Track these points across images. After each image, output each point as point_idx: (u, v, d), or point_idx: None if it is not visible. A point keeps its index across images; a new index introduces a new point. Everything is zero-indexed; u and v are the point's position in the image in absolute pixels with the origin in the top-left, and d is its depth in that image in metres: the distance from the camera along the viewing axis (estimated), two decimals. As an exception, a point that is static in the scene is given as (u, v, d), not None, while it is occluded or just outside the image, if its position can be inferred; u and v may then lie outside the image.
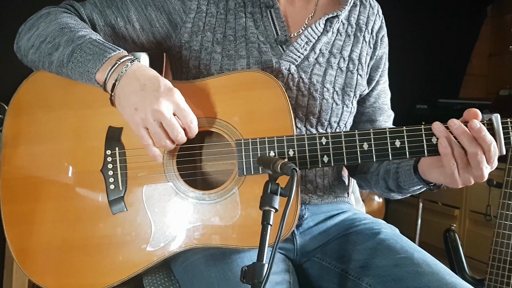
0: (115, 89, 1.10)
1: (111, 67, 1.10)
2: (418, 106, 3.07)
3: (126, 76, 1.09)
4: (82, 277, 1.18)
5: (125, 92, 1.09)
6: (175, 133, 1.08)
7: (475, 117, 1.09)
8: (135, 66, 1.10)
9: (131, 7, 1.26)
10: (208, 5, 1.27)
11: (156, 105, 1.06)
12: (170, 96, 1.07)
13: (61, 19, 1.20)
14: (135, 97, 1.08)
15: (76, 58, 1.13)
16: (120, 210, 1.18)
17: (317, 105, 1.29)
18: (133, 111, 1.08)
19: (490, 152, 1.07)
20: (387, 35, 1.41)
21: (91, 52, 1.12)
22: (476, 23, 3.37)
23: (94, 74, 1.11)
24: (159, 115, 1.06)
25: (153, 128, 1.08)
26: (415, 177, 1.21)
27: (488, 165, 1.08)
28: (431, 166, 1.16)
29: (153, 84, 1.08)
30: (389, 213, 3.12)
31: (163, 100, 1.06)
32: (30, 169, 1.21)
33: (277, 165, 0.97)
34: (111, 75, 1.10)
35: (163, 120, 1.07)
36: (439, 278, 1.12)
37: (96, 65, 1.11)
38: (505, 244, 1.94)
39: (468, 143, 1.07)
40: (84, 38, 1.14)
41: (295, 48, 1.27)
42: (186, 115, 1.09)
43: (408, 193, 1.33)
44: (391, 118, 1.48)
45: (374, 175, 1.37)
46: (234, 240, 1.15)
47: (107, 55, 1.11)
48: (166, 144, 1.10)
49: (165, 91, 1.07)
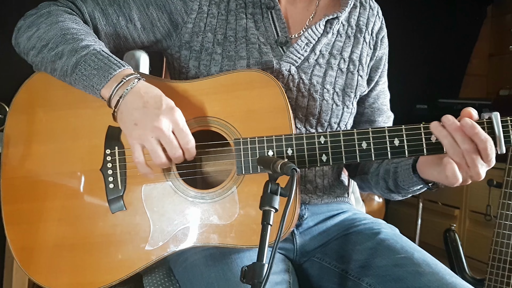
0: (119, 106, 1.10)
1: (117, 84, 1.10)
2: (418, 106, 3.07)
3: (131, 93, 1.09)
4: (82, 275, 1.18)
5: (128, 108, 1.09)
6: (174, 151, 1.09)
7: (469, 116, 1.08)
8: (140, 84, 1.11)
9: (133, 6, 1.26)
10: (210, 6, 1.27)
11: (156, 122, 1.06)
12: (171, 115, 1.08)
13: (62, 22, 1.18)
14: (137, 114, 1.08)
15: (80, 71, 1.12)
16: (119, 209, 1.18)
17: (317, 106, 1.29)
18: (133, 126, 1.09)
19: (487, 150, 1.05)
20: (387, 35, 1.41)
21: (96, 67, 1.11)
22: (476, 23, 3.37)
23: (99, 91, 1.12)
24: (158, 132, 1.07)
25: (151, 145, 1.08)
26: (414, 176, 1.20)
27: (485, 163, 1.07)
28: (429, 164, 1.15)
29: (155, 103, 1.09)
30: (389, 213, 3.11)
31: (163, 118, 1.07)
32: (30, 168, 1.21)
33: (277, 165, 0.97)
34: (116, 92, 1.10)
35: (161, 137, 1.08)
36: (439, 278, 1.12)
37: (102, 82, 1.11)
38: (505, 244, 1.94)
39: (461, 139, 1.06)
40: (88, 49, 1.13)
41: (295, 50, 1.27)
42: (184, 136, 1.09)
43: (408, 193, 1.32)
44: (390, 119, 1.48)
45: (374, 176, 1.37)
46: (232, 239, 1.15)
47: (112, 72, 1.11)
48: (162, 161, 1.09)
49: (167, 109, 1.08)
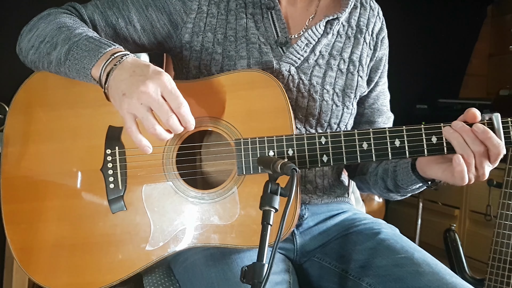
0: (108, 82, 1.07)
1: (106, 61, 1.08)
2: (418, 106, 3.07)
3: (119, 68, 1.07)
4: (82, 275, 1.18)
5: (116, 81, 1.06)
6: (166, 117, 1.02)
7: (474, 118, 1.09)
8: (129, 59, 1.08)
9: (132, 8, 1.26)
10: (209, 5, 1.27)
11: (143, 87, 1.02)
12: (157, 79, 1.03)
13: (59, 19, 1.20)
14: (123, 84, 1.04)
15: (72, 56, 1.12)
16: (120, 209, 1.18)
17: (316, 106, 1.29)
18: (121, 97, 1.04)
19: (499, 155, 1.07)
20: (387, 36, 1.41)
21: (86, 49, 1.11)
22: (476, 23, 3.37)
23: (89, 70, 1.10)
24: (146, 97, 1.02)
25: (141, 112, 1.03)
26: (413, 174, 1.20)
27: (491, 165, 1.09)
28: (430, 162, 1.15)
29: (141, 70, 1.05)
30: (389, 213, 3.11)
31: (149, 82, 1.02)
32: (30, 168, 1.21)
33: (277, 165, 0.97)
34: (105, 69, 1.08)
35: (150, 103, 1.02)
36: (439, 278, 1.12)
37: (92, 61, 1.10)
38: (505, 244, 1.94)
39: (472, 141, 1.07)
40: (81, 36, 1.14)
41: (295, 50, 1.27)
42: (174, 99, 1.03)
43: (407, 193, 1.32)
44: (390, 120, 1.47)
45: (373, 176, 1.37)
46: (233, 239, 1.15)
47: (102, 50, 1.10)
48: (156, 130, 1.03)
49: (153, 74, 1.04)
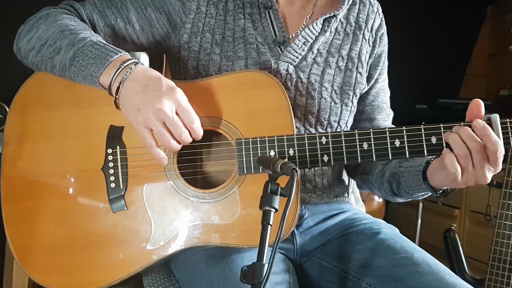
0: (119, 92, 1.10)
1: (116, 70, 1.10)
2: (418, 106, 3.07)
3: (130, 78, 1.09)
4: (82, 275, 1.18)
5: (128, 94, 1.09)
6: (179, 132, 1.08)
7: (478, 107, 1.10)
8: (139, 69, 1.11)
9: (131, 8, 1.26)
10: (208, 6, 1.27)
11: (158, 104, 1.06)
12: (172, 96, 1.07)
13: (60, 21, 1.20)
14: (138, 98, 1.08)
15: (78, 62, 1.13)
16: (121, 208, 1.18)
17: (315, 104, 1.29)
18: (136, 111, 1.08)
19: (497, 153, 1.06)
20: (386, 34, 1.41)
21: (93, 56, 1.12)
22: (476, 23, 3.37)
23: (97, 78, 1.12)
24: (162, 114, 1.06)
25: (156, 128, 1.08)
26: (423, 183, 1.19)
27: (492, 167, 1.08)
28: (438, 169, 1.14)
29: (155, 85, 1.08)
30: (389, 213, 3.12)
31: (165, 99, 1.06)
32: (31, 167, 1.21)
33: (277, 165, 0.97)
34: (116, 79, 1.10)
35: (165, 119, 1.07)
36: (439, 278, 1.12)
37: (99, 69, 1.11)
38: (505, 244, 1.94)
39: (469, 138, 1.07)
40: (85, 41, 1.14)
41: (293, 49, 1.27)
42: (188, 115, 1.09)
43: (411, 198, 1.32)
44: (390, 117, 1.47)
45: (379, 178, 1.36)
46: (233, 239, 1.15)
47: (109, 58, 1.11)
48: (171, 144, 1.09)
49: (167, 90, 1.07)
